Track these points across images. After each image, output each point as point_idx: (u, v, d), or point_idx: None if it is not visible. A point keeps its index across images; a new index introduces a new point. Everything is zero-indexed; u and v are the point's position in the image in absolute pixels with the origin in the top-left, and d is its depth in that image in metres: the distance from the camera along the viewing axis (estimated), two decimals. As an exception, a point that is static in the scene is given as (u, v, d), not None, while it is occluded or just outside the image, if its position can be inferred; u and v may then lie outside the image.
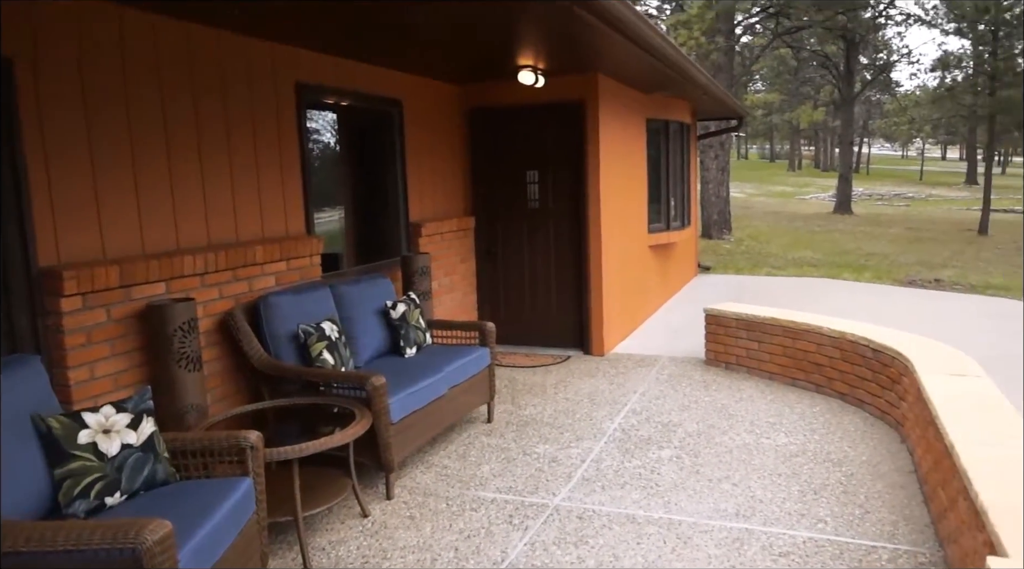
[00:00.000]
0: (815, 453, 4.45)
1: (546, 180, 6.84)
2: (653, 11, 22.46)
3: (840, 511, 3.70)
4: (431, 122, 6.40)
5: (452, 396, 4.49)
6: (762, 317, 5.96)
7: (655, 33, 4.98)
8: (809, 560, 3.24)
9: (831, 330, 5.42)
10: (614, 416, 5.16)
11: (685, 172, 9.89)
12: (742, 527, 3.54)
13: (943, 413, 3.53)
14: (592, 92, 6.47)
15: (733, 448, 4.55)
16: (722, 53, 17.03)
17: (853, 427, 4.86)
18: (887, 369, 4.88)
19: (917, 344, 4.85)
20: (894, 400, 4.80)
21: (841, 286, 10.95)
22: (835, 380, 5.41)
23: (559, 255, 6.87)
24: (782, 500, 3.83)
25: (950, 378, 4.13)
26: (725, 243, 16.60)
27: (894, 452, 4.44)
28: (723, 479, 4.10)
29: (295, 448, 3.15)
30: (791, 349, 5.75)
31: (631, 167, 7.69)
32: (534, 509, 3.77)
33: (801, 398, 5.46)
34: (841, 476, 4.12)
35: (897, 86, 46.17)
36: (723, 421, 5.02)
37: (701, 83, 7.24)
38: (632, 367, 6.41)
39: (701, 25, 14.89)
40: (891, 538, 3.43)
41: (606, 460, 4.39)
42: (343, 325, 4.45)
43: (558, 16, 4.16)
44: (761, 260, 13.76)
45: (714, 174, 17.26)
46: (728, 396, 5.56)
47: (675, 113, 8.95)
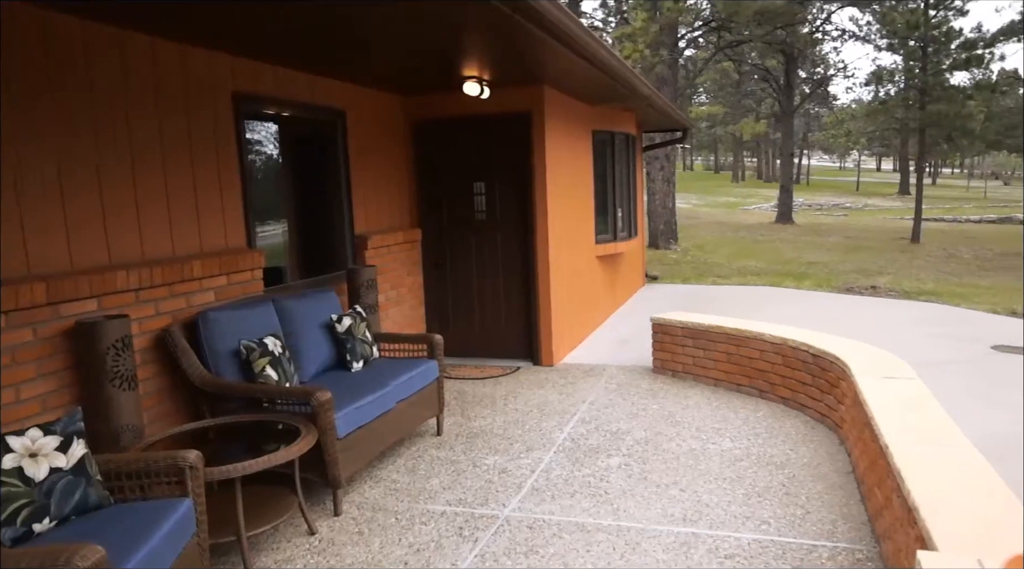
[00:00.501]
0: (759, 457, 4.53)
1: (493, 192, 6.86)
2: (599, 23, 22.83)
3: (783, 512, 3.78)
4: (376, 133, 6.36)
5: (400, 410, 4.45)
6: (707, 325, 6.06)
7: (599, 45, 5.06)
8: (753, 561, 3.30)
9: (773, 337, 5.55)
10: (563, 426, 5.18)
11: (631, 183, 10.03)
12: (689, 531, 3.59)
13: (878, 414, 3.64)
14: (538, 104, 6.53)
15: (680, 454, 4.61)
16: (666, 66, 17.37)
17: (795, 430, 4.98)
18: (826, 373, 5.02)
19: (854, 349, 4.99)
20: (833, 403, 4.93)
21: (783, 294, 11.23)
22: (777, 385, 5.54)
23: (507, 266, 6.89)
24: (727, 503, 3.89)
25: (884, 381, 4.26)
26: (672, 253, 16.88)
27: (833, 454, 4.56)
28: (671, 485, 4.14)
29: (237, 466, 3.08)
30: (735, 356, 5.86)
31: (578, 178, 7.77)
32: (484, 521, 3.75)
33: (745, 403, 5.57)
34: (784, 478, 4.21)
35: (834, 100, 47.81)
36: (670, 428, 5.09)
37: (645, 95, 7.37)
38: (581, 377, 6.45)
39: (645, 38, 15.18)
40: (830, 537, 3.51)
41: (556, 470, 4.40)
42: (287, 340, 4.38)
43: (501, 27, 4.19)
44: (707, 269, 14.02)
45: (660, 185, 17.55)
46: (675, 403, 5.64)
47: (621, 125, 9.08)
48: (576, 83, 6.66)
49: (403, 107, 6.83)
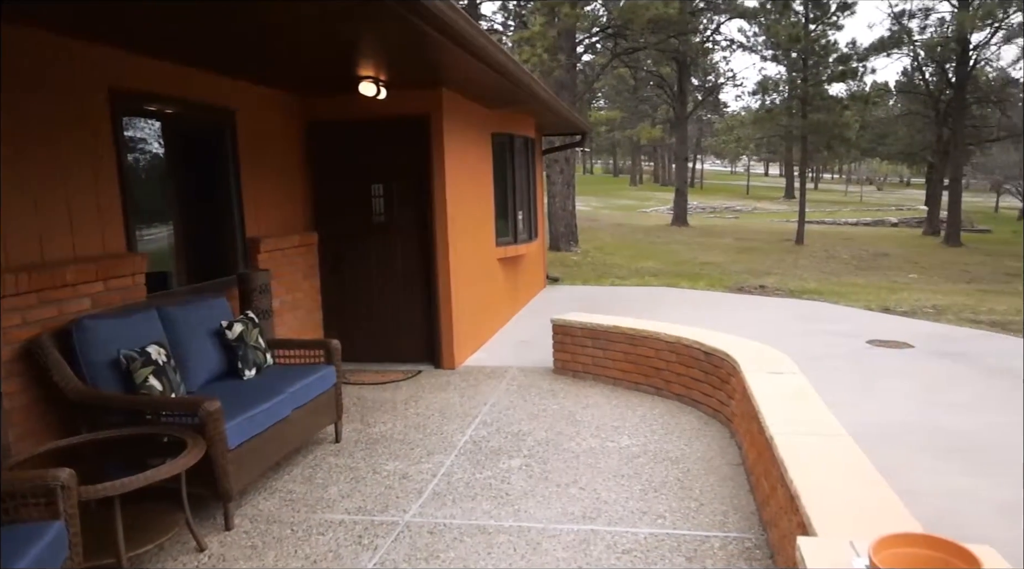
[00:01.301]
0: (655, 453, 4.66)
1: (392, 194, 6.77)
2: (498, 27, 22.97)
3: (678, 506, 3.89)
4: (269, 133, 6.16)
5: (297, 417, 4.32)
6: (606, 325, 6.19)
7: (497, 49, 5.07)
8: (650, 555, 3.38)
9: (668, 335, 5.72)
10: (465, 429, 5.17)
11: (532, 186, 10.13)
12: (588, 529, 3.64)
13: (764, 408, 3.81)
14: (437, 106, 6.49)
15: (580, 453, 4.68)
16: (565, 70, 17.66)
17: (689, 426, 5.15)
18: (718, 370, 5.21)
19: (743, 346, 5.21)
20: (725, 399, 5.13)
21: (679, 294, 11.62)
22: (673, 383, 5.71)
23: (407, 270, 6.82)
24: (625, 499, 3.98)
25: (770, 376, 4.46)
26: (572, 255, 17.17)
27: (725, 447, 4.74)
28: (571, 484, 4.19)
29: (115, 484, 2.90)
30: (633, 355, 6.01)
31: (478, 181, 7.78)
32: (384, 528, 3.69)
33: (643, 401, 5.72)
34: (679, 473, 4.34)
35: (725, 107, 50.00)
36: (570, 427, 5.16)
37: (544, 99, 7.46)
38: (483, 379, 6.45)
39: (544, 42, 15.39)
40: (722, 527, 3.65)
41: (457, 473, 4.38)
42: (173, 349, 4.16)
43: (396, 27, 4.14)
44: (607, 271, 14.34)
45: (560, 188, 17.82)
46: (575, 403, 5.72)
47: (521, 128, 9.16)
48: (475, 86, 6.66)
49: (298, 107, 6.64)
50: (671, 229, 26.55)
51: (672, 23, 18.76)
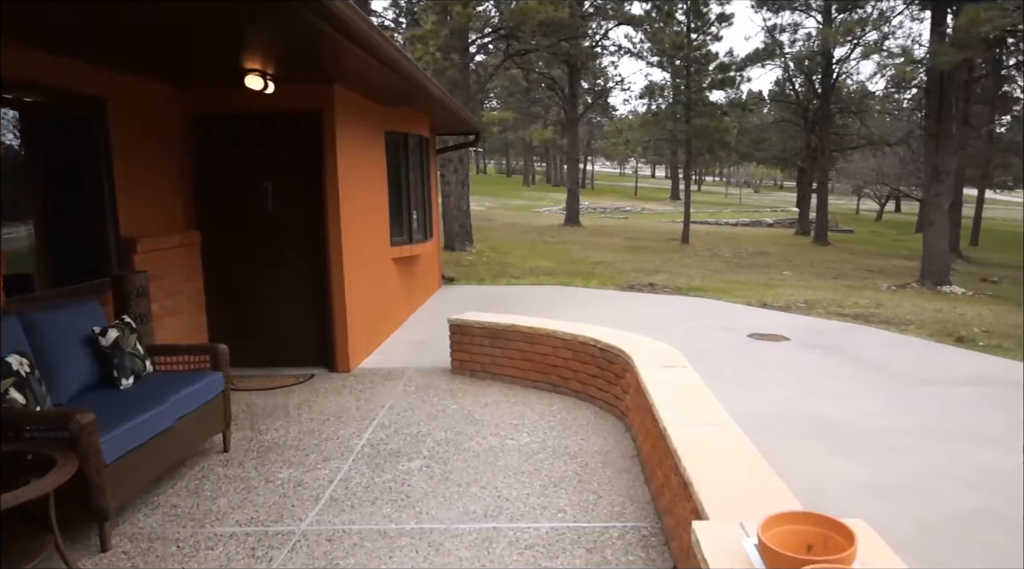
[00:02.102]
0: (554, 448, 4.72)
1: (283, 192, 6.54)
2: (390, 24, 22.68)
3: (577, 499, 3.95)
4: (147, 126, 5.81)
5: (181, 427, 4.09)
6: (503, 324, 6.22)
7: (391, 46, 4.99)
8: (551, 548, 3.41)
9: (564, 333, 5.81)
10: (362, 432, 5.06)
11: (426, 185, 10.05)
12: (490, 526, 3.64)
13: (657, 401, 3.93)
14: (329, 102, 6.33)
15: (480, 452, 4.67)
16: (458, 70, 17.65)
17: (586, 421, 5.24)
18: (612, 366, 5.34)
19: (636, 342, 5.36)
20: (619, 394, 5.26)
21: (573, 292, 11.84)
22: (570, 379, 5.80)
23: (299, 270, 6.60)
24: (526, 496, 4.00)
25: (662, 370, 4.61)
26: (467, 255, 17.18)
27: (620, 440, 4.86)
28: (472, 483, 4.18)
29: (-26, 506, 2.65)
30: (530, 353, 6.06)
31: (371, 180, 7.64)
32: (279, 538, 3.55)
33: (541, 398, 5.78)
34: (577, 467, 4.41)
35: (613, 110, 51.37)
36: (470, 427, 5.14)
37: (438, 98, 7.41)
38: (379, 381, 6.34)
39: (436, 41, 15.30)
40: (620, 517, 3.73)
41: (355, 478, 4.28)
42: (37, 358, 3.84)
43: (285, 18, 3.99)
44: (502, 270, 14.43)
45: (454, 187, 17.79)
46: (474, 402, 5.71)
47: (414, 126, 9.07)
48: (369, 83, 6.54)
49: (180, 99, 6.30)
50: (564, 229, 27.04)
51: (563, 27, 19.11)
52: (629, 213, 40.97)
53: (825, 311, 10.37)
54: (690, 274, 15.37)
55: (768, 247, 24.55)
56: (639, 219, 37.19)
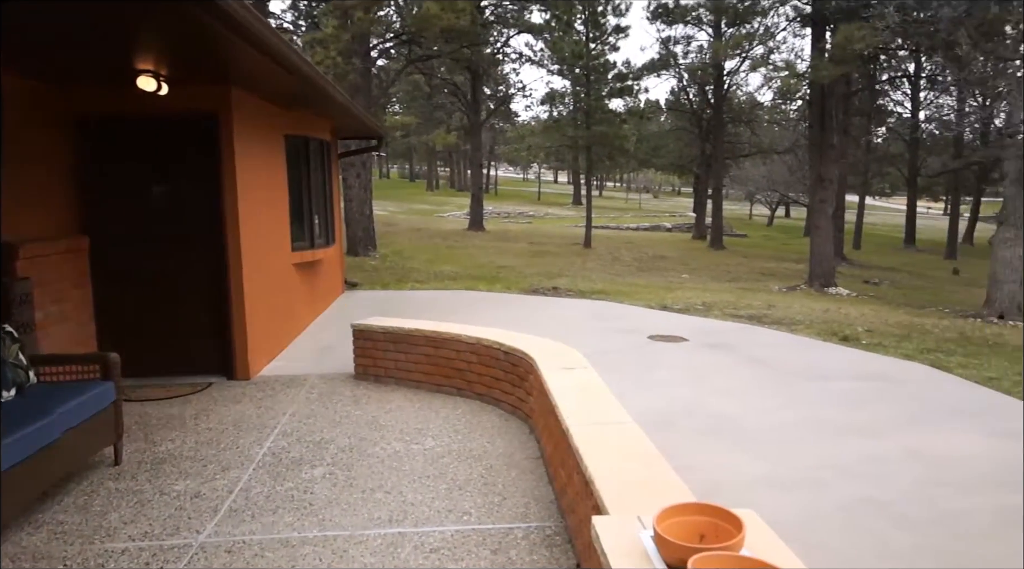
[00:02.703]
0: (459, 452, 4.76)
1: (179, 196, 6.30)
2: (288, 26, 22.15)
3: (482, 501, 4.01)
4: (26, 126, 5.48)
5: (68, 441, 3.88)
6: (407, 329, 6.21)
7: (290, 50, 4.92)
8: (457, 550, 3.45)
9: (468, 337, 5.86)
10: (263, 441, 4.94)
11: (328, 189, 9.89)
12: (396, 531, 3.64)
13: (559, 401, 4.03)
14: (226, 104, 6.15)
15: (385, 457, 4.66)
16: (359, 74, 17.44)
17: (491, 424, 5.31)
18: (516, 368, 5.43)
19: (539, 344, 5.47)
20: (524, 396, 5.35)
21: (478, 296, 11.91)
22: (475, 383, 5.86)
23: (196, 276, 6.38)
24: (431, 500, 4.03)
25: (564, 371, 4.73)
26: (371, 260, 16.98)
27: (524, 442, 4.95)
28: (376, 489, 4.17)
29: None
30: (435, 357, 6.08)
31: (271, 184, 7.46)
32: (175, 552, 3.43)
33: (445, 403, 5.81)
34: (482, 470, 4.47)
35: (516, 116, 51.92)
36: (374, 433, 5.12)
37: (340, 102, 7.33)
38: (281, 389, 6.21)
39: (337, 45, 15.07)
40: (524, 518, 3.81)
41: (256, 487, 4.18)
42: (-94, 371, 3.58)
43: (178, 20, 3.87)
44: (406, 275, 14.35)
45: (357, 192, 17.56)
46: (378, 408, 5.68)
47: (316, 130, 8.92)
48: (268, 86, 6.40)
49: (66, 99, 5.96)
50: (468, 234, 27.12)
51: (464, 34, 19.20)
52: (532, 218, 41.52)
53: (721, 312, 10.85)
54: (592, 278, 15.74)
55: (667, 251, 25.44)
56: (542, 224, 37.75)
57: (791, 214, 56.04)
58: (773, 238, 37.47)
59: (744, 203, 56.67)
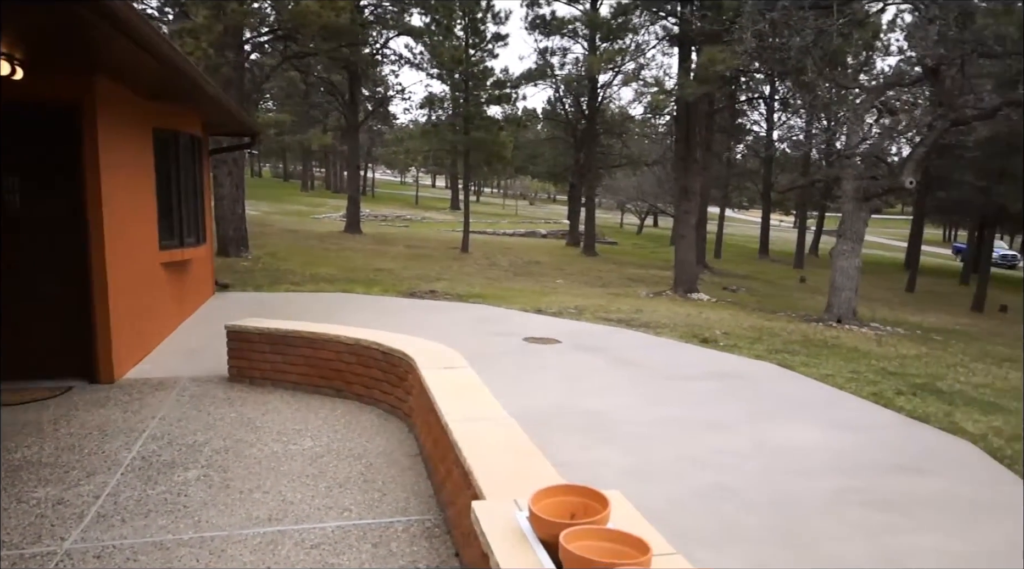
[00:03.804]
0: (339, 451, 4.79)
1: (34, 190, 5.94)
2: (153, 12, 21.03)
3: (362, 498, 4.08)
4: None
5: (-91, 449, 3.63)
6: (285, 330, 6.15)
7: (162, 39, 4.79)
8: (338, 545, 3.52)
9: (348, 338, 5.88)
10: (131, 445, 4.77)
11: (198, 187, 9.55)
12: (275, 529, 3.66)
13: (439, 399, 4.17)
14: (89, 94, 5.86)
15: (262, 458, 4.62)
16: (232, 68, 16.84)
17: (370, 423, 5.37)
18: (395, 369, 5.51)
19: (418, 345, 5.58)
20: (403, 395, 5.45)
21: (356, 299, 11.82)
22: (354, 383, 5.89)
23: (55, 275, 6.02)
24: (311, 498, 4.06)
25: (444, 371, 4.87)
26: (243, 260, 16.42)
27: (404, 440, 5.05)
28: (254, 489, 4.14)
29: None
30: (313, 359, 6.06)
31: (138, 179, 7.15)
32: (38, 560, 3.29)
33: (324, 404, 5.80)
34: (362, 468, 4.53)
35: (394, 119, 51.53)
36: (251, 434, 5.05)
37: (213, 96, 7.13)
38: (149, 392, 5.98)
39: (209, 37, 14.50)
40: (404, 512, 3.92)
41: (125, 492, 4.05)
42: None
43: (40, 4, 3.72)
44: (281, 277, 14.00)
45: (229, 190, 16.94)
46: (254, 410, 5.60)
47: (186, 125, 8.60)
48: (136, 76, 6.16)
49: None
50: (345, 236, 26.67)
51: (343, 32, 18.95)
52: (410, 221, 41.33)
53: (593, 316, 11.33)
54: (470, 281, 15.95)
55: (542, 257, 26.09)
56: (420, 228, 37.67)
57: (658, 223, 58.79)
58: (642, 246, 39.19)
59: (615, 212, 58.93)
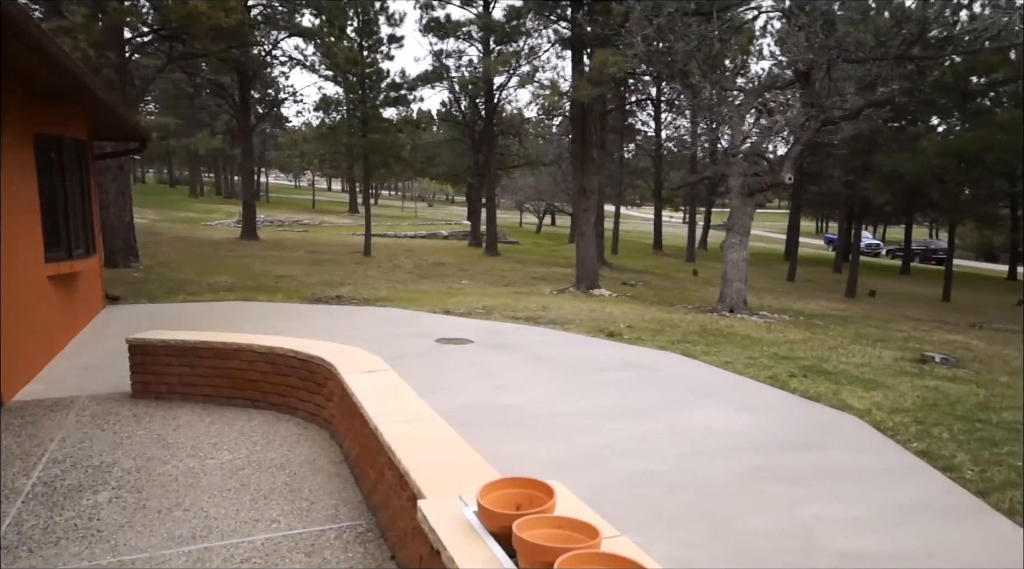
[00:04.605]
0: (259, 463, 4.67)
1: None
2: (22, 11, 19.57)
3: (289, 508, 4.01)
4: None
5: None
6: (193, 341, 5.92)
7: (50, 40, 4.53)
8: (270, 558, 3.45)
9: (261, 346, 5.73)
10: (30, 471, 4.48)
11: (85, 195, 9.03)
12: (201, 547, 3.54)
13: (365, 403, 4.15)
14: (-36, 97, 5.46)
15: (178, 475, 4.45)
16: (114, 69, 15.94)
17: (290, 433, 5.26)
18: (314, 375, 5.42)
19: (336, 350, 5.51)
20: (322, 402, 5.36)
21: (259, 307, 11.47)
22: (269, 393, 5.74)
23: (-72, 292, 5.57)
24: (236, 512, 3.95)
25: (366, 375, 4.84)
26: (134, 271, 15.59)
27: (327, 447, 4.98)
28: (173, 507, 3.99)
29: None
30: (224, 369, 5.86)
31: (19, 188, 6.70)
32: (-62, 600, 3.07)
33: (239, 415, 5.63)
34: (286, 478, 4.44)
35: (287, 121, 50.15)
36: (163, 451, 4.85)
37: (101, 100, 6.78)
38: (44, 414, 5.62)
39: (88, 36, 13.67)
40: (335, 520, 3.88)
41: (29, 520, 3.81)
42: None
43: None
44: (176, 287, 13.40)
45: (115, 198, 16.04)
46: (164, 425, 5.37)
47: (71, 129, 8.11)
48: (17, 78, 5.77)
49: None
50: (241, 243, 25.73)
51: (233, 34, 18.29)
52: (308, 226, 40.31)
53: (501, 315, 11.44)
54: (375, 285, 15.76)
55: (446, 258, 26.04)
56: (319, 232, 36.82)
57: (556, 222, 59.82)
58: (542, 245, 39.76)
59: (514, 211, 59.54)
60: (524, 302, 13.63)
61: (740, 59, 32.79)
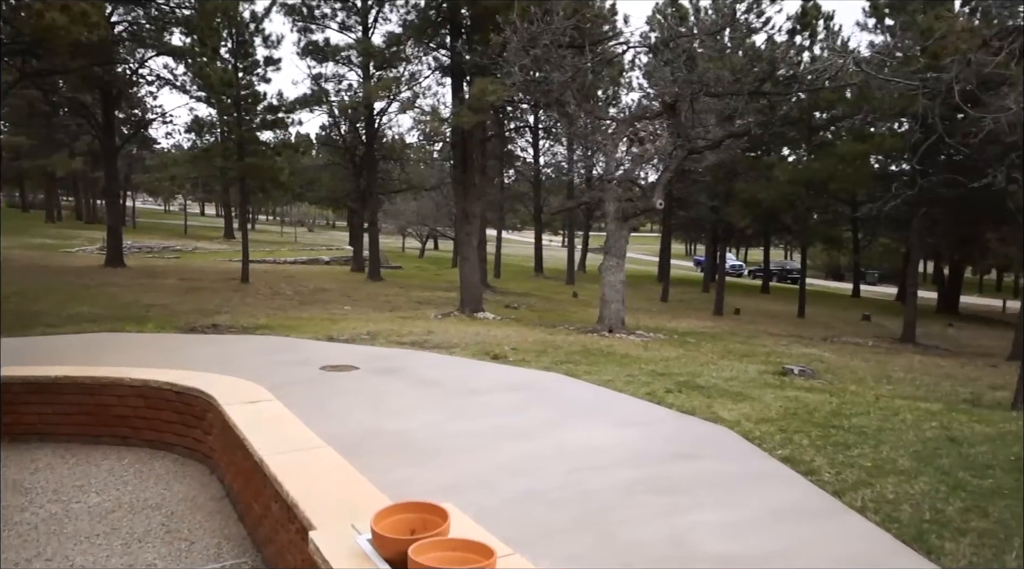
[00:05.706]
0: (132, 504, 4.44)
1: None
2: None
3: (167, 550, 3.83)
4: None
5: None
6: (53, 376, 5.55)
7: None
8: (148, 603, 3.28)
9: (133, 380, 5.45)
10: None
11: (-75, 221, 8.27)
12: (69, 598, 3.33)
13: (248, 435, 4.04)
14: None
15: (38, 522, 4.16)
16: (-43, 86, 14.73)
17: (165, 470, 5.02)
18: (192, 408, 5.21)
19: (215, 381, 5.32)
20: (201, 436, 5.15)
21: (128, 338, 10.83)
22: (142, 429, 5.45)
23: None
24: (106, 558, 3.74)
25: (248, 405, 4.71)
26: (-20, 304, 14.31)
27: (206, 483, 4.79)
28: (34, 558, 3.73)
29: None
30: (91, 406, 5.52)
31: None
32: None
33: (108, 454, 5.31)
34: (162, 518, 4.24)
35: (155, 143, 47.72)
36: (19, 497, 4.52)
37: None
38: None
39: (-73, 50, 12.55)
40: (217, 558, 3.75)
41: None
42: None
43: None
44: (32, 319, 12.41)
45: (-43, 224, 14.73)
46: (20, 470, 5.00)
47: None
48: None
49: None
50: (106, 270, 24.13)
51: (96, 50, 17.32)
52: (180, 252, 38.35)
53: (386, 340, 11.34)
54: (254, 313, 15.21)
55: (327, 284, 25.47)
56: (192, 258, 35.11)
57: (439, 246, 59.83)
58: (425, 269, 39.64)
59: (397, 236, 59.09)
60: (409, 327, 13.56)
61: (612, 90, 34.31)
